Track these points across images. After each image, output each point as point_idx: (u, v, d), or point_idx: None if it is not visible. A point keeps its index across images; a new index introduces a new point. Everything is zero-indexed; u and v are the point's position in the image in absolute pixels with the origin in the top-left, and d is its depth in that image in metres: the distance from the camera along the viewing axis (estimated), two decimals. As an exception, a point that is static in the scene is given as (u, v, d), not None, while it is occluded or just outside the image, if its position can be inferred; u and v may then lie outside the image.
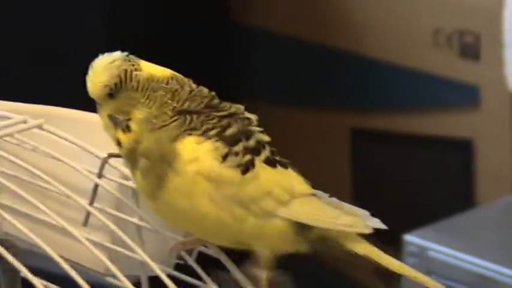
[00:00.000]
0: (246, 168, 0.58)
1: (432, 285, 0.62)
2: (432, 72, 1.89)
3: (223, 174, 0.58)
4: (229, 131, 0.59)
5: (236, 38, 2.07)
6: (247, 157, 0.58)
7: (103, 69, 0.60)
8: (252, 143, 0.59)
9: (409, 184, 1.96)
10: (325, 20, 1.98)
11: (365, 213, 0.62)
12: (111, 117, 0.60)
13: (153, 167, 0.58)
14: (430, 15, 1.87)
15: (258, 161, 0.59)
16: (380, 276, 1.91)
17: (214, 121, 0.59)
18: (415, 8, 1.88)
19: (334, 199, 0.63)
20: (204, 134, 0.58)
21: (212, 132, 0.58)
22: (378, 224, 0.62)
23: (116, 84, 0.59)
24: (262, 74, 2.10)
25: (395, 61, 1.91)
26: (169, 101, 0.59)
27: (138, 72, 0.60)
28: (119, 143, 0.61)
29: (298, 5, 2.02)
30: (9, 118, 0.69)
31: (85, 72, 0.61)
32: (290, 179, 0.61)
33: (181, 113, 0.59)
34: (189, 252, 0.66)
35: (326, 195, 0.63)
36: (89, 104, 0.65)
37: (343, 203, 0.63)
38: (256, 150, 0.59)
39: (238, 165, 0.58)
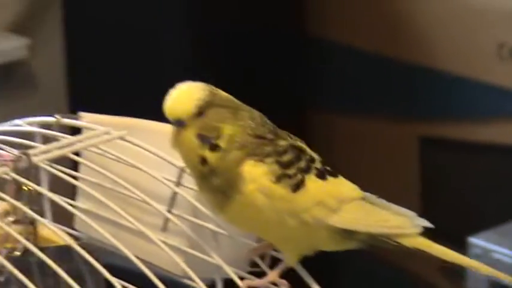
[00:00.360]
0: (297, 186, 0.60)
1: (493, 273, 0.62)
2: (496, 84, 1.87)
3: (276, 192, 0.60)
4: (285, 157, 0.61)
5: (309, 50, 2.06)
6: (298, 177, 0.60)
7: (190, 89, 0.60)
8: (303, 163, 0.61)
9: (475, 189, 1.94)
10: (395, 33, 1.98)
11: (412, 213, 0.63)
12: (199, 136, 0.59)
13: (221, 184, 0.60)
14: (495, 30, 1.86)
15: (309, 177, 0.61)
16: (445, 274, 1.89)
17: (274, 147, 0.61)
18: (481, 23, 1.87)
19: (382, 200, 0.63)
20: (264, 157, 0.60)
21: (270, 158, 0.61)
22: (425, 223, 0.62)
23: (205, 101, 0.59)
24: (334, 85, 2.10)
25: (461, 73, 1.91)
26: (250, 122, 0.61)
27: (220, 92, 0.61)
28: (203, 161, 0.60)
29: (367, 19, 2.02)
30: (93, 130, 0.69)
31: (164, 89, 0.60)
32: (339, 187, 0.62)
33: (257, 136, 0.61)
34: (262, 257, 0.66)
35: (374, 196, 0.63)
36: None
37: (391, 204, 0.63)
38: (307, 169, 0.61)
39: (290, 185, 0.60)
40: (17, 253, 0.60)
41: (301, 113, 2.05)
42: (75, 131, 0.71)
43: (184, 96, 0.59)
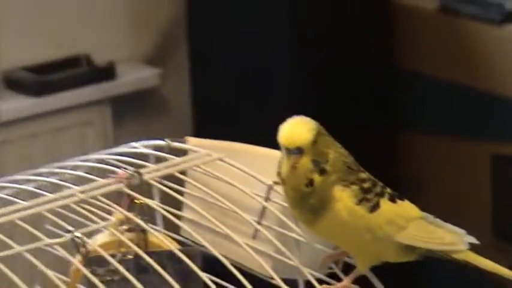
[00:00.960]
0: (373, 208, 0.64)
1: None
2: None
3: (357, 212, 0.64)
4: (365, 185, 0.65)
5: (398, 79, 2.07)
6: (375, 200, 0.64)
7: (303, 121, 0.63)
8: (378, 189, 0.65)
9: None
10: (472, 64, 1.97)
11: (462, 231, 0.66)
12: (314, 161, 0.62)
13: (315, 203, 0.63)
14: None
15: (383, 200, 0.65)
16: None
17: (356, 176, 0.65)
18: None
19: (437, 219, 0.66)
20: (350, 184, 0.64)
21: (354, 185, 0.64)
22: (473, 240, 0.65)
23: (316, 130, 0.63)
24: (417, 109, 2.09)
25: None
26: (343, 150, 0.65)
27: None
28: (310, 183, 0.63)
29: (447, 52, 2.02)
30: (197, 152, 0.72)
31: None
32: (406, 209, 0.66)
33: (347, 166, 0.65)
34: (336, 262, 0.68)
35: (431, 216, 0.67)
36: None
37: (444, 222, 0.66)
38: (381, 194, 0.65)
39: (368, 207, 0.64)
40: (130, 256, 0.63)
41: (392, 133, 2.06)
42: (184, 152, 0.75)
43: (301, 127, 0.62)
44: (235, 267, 0.64)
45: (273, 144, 0.65)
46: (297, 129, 0.62)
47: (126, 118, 2.12)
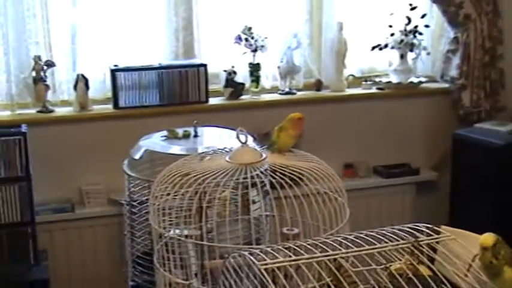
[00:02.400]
0: None
1: None
2: None
3: None
4: None
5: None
6: None
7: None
8: None
9: None
10: None
11: None
12: (493, 253, 1.46)
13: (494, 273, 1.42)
14: None
15: None
16: None
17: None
18: None
19: None
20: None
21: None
22: None
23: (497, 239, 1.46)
24: None
25: None
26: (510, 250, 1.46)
27: None
28: (491, 263, 1.44)
29: None
30: (444, 233, 1.57)
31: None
32: None
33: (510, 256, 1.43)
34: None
35: None
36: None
37: None
38: None
39: None
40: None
41: None
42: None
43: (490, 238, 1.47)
44: None
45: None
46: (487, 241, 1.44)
47: (423, 194, 4.09)
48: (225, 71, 4.00)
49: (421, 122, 4.35)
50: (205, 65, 3.87)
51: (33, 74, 3.68)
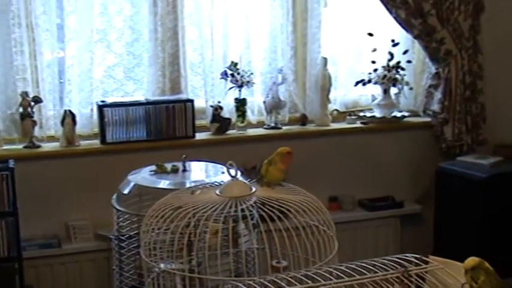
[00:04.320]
0: None
1: None
2: None
3: None
4: None
5: None
6: None
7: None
8: None
9: None
10: None
11: None
12: (471, 277, 1.51)
13: None
14: None
15: None
16: None
17: None
18: None
19: None
20: None
21: None
22: None
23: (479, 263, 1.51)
24: None
25: None
26: (492, 277, 1.51)
27: None
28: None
29: None
30: (431, 263, 1.62)
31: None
32: None
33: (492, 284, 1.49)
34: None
35: None
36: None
37: None
38: None
39: None
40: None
41: None
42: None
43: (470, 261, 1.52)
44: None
45: None
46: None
47: (408, 227, 4.28)
48: (211, 106, 4.05)
49: (404, 155, 4.42)
50: (191, 101, 3.92)
51: (21, 109, 3.71)
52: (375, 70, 4.31)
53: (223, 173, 2.52)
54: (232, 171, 2.23)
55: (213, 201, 2.14)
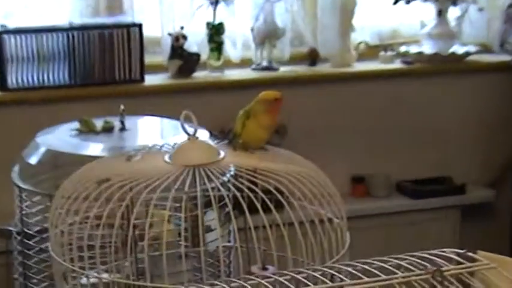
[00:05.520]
0: None
1: None
2: None
3: None
4: None
5: None
6: None
7: None
8: None
9: None
10: None
11: None
12: None
13: None
14: None
15: None
16: None
17: None
18: None
19: None
20: None
21: None
22: None
23: None
24: None
25: None
26: None
27: None
28: None
29: None
30: (481, 261, 1.64)
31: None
32: None
33: None
34: None
35: None
36: None
37: None
38: None
39: None
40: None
41: None
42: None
43: None
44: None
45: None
46: None
47: (471, 221, 4.39)
48: (170, 34, 4.05)
49: (469, 113, 4.42)
50: (139, 25, 3.91)
51: None
52: (425, -20, 4.30)
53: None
54: (190, 129, 2.24)
55: (158, 173, 2.15)
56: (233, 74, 4.15)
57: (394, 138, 4.34)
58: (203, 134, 2.47)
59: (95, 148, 3.09)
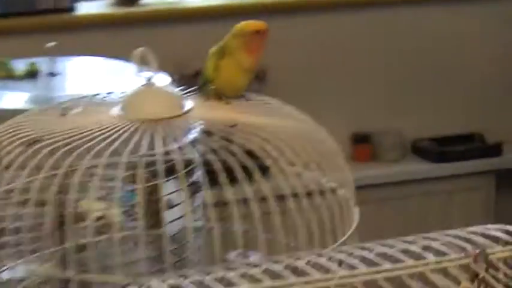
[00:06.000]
0: None
1: None
2: None
3: None
4: None
5: None
6: None
7: None
8: None
9: None
10: None
11: None
12: None
13: None
14: None
15: None
16: None
17: None
18: None
19: None
20: None
21: None
22: None
23: None
24: None
25: None
26: None
27: None
28: None
29: None
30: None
31: None
32: None
33: None
34: None
35: None
36: None
37: None
38: None
39: None
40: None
41: None
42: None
43: None
44: None
45: None
46: None
47: (509, 190, 4.46)
48: None
49: (506, 50, 4.43)
50: None
51: None
52: None
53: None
54: (145, 72, 2.23)
55: (106, 129, 2.14)
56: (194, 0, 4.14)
57: (407, 83, 4.35)
58: (163, 79, 2.45)
59: (15, 99, 3.08)
